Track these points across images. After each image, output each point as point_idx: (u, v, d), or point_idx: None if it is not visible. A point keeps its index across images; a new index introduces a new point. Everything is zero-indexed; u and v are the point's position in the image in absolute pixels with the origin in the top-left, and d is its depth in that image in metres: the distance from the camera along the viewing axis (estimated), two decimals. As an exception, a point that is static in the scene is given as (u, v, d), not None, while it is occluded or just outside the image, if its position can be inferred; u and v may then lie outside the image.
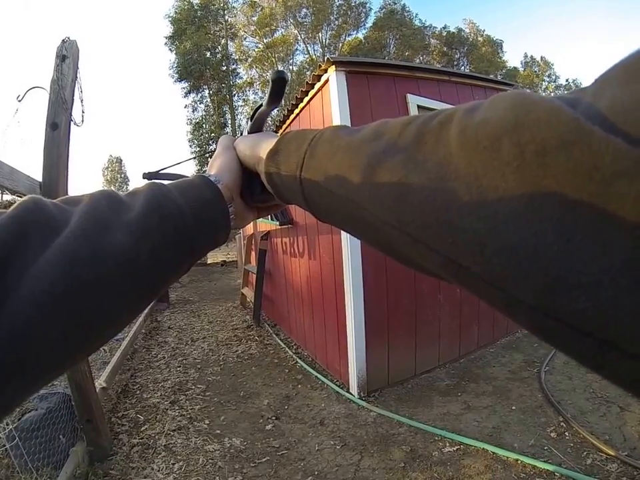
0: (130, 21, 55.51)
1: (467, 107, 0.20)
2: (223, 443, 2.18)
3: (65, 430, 1.94)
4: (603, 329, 0.13)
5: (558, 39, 52.65)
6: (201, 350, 3.91)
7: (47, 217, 0.25)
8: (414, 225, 0.21)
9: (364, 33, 26.08)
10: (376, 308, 2.61)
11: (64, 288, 0.22)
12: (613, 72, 0.16)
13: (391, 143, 0.23)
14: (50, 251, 0.23)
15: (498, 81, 3.61)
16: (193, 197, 0.34)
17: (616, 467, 1.66)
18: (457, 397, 2.45)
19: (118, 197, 0.30)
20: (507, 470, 1.74)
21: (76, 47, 1.87)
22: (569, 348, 0.15)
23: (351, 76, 2.54)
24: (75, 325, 0.23)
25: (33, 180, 1.72)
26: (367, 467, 1.88)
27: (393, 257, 0.26)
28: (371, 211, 0.24)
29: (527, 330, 0.17)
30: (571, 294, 0.14)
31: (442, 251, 0.19)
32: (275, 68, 5.06)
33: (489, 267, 0.17)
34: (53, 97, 1.80)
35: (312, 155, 0.31)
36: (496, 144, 0.17)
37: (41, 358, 0.22)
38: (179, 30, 21.96)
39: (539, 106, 0.16)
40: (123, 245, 0.26)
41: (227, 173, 0.42)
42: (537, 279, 0.15)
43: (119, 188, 37.18)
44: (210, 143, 22.17)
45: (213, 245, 0.37)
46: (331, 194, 0.28)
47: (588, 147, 0.14)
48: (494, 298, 0.18)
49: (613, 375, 0.14)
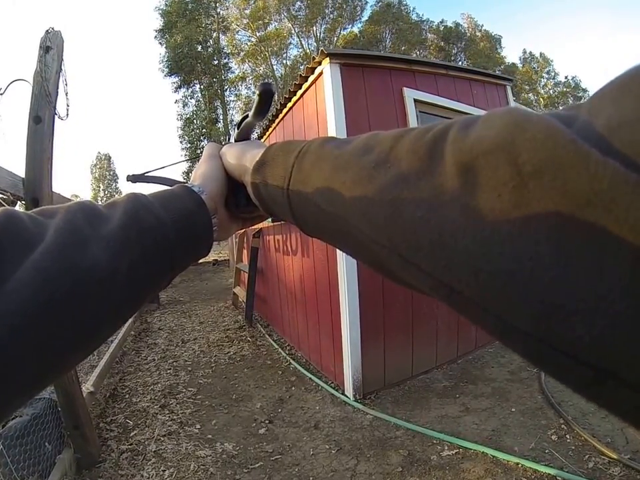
0: (119, 14, 54.64)
1: (461, 123, 0.19)
2: (214, 448, 2.13)
3: (51, 437, 1.89)
4: (600, 357, 0.13)
5: (558, 36, 53.35)
6: (192, 352, 3.84)
7: (20, 232, 0.24)
8: (405, 246, 0.20)
9: (359, 27, 25.88)
10: (371, 307, 2.57)
11: (36, 307, 0.21)
12: (610, 89, 0.15)
13: (381, 157, 0.23)
14: (22, 269, 0.22)
15: (496, 76, 3.56)
16: (175, 209, 0.33)
17: (619, 471, 1.63)
18: (455, 399, 2.41)
19: (96, 209, 0.29)
20: (508, 474, 1.71)
21: (60, 37, 1.83)
22: (565, 376, 0.15)
23: (345, 69, 2.49)
24: (49, 344, 0.23)
25: (15, 176, 1.67)
26: (364, 472, 1.83)
27: (383, 274, 0.25)
28: (361, 229, 0.23)
29: (520, 356, 0.17)
30: (567, 321, 0.14)
31: (434, 273, 0.19)
32: (262, 80, 4.86)
33: (483, 291, 0.16)
34: (36, 89, 1.76)
35: (299, 168, 0.30)
36: (492, 163, 0.16)
37: (16, 377, 0.21)
38: (170, 23, 21.51)
39: (534, 125, 0.16)
40: (100, 260, 0.25)
41: (212, 182, 0.41)
42: (533, 305, 0.15)
43: (107, 185, 36.78)
44: (201, 139, 21.93)
45: (194, 258, 0.36)
46: (320, 209, 0.27)
47: (586, 170, 0.13)
48: (487, 323, 0.17)
49: (610, 404, 0.14)
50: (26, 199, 1.71)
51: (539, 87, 30.53)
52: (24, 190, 1.71)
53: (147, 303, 0.50)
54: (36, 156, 1.75)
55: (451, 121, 0.21)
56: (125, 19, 56.01)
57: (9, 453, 1.64)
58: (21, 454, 1.68)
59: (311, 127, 2.84)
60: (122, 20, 55.84)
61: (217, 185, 0.41)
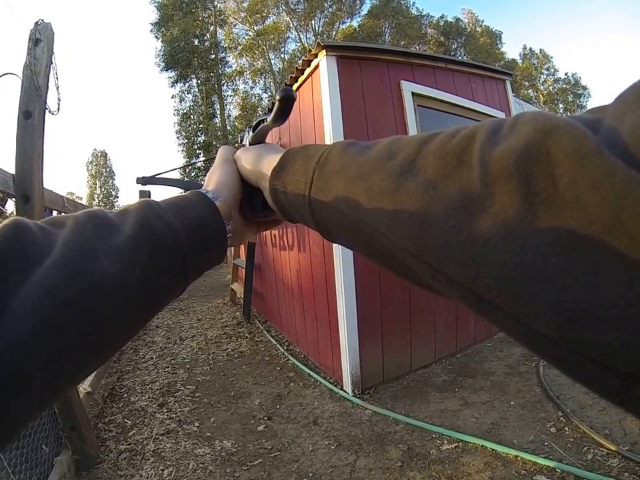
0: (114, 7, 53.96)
1: (487, 130, 0.19)
2: (213, 446, 2.12)
3: (48, 439, 1.86)
4: (628, 363, 0.13)
5: (558, 33, 52.92)
6: (190, 349, 3.83)
7: (27, 245, 0.24)
8: (435, 255, 0.20)
9: (358, 21, 25.56)
10: (369, 301, 2.55)
11: (42, 322, 0.21)
12: (632, 92, 0.16)
13: (407, 163, 0.22)
14: (29, 285, 0.22)
15: (496, 70, 3.52)
16: (188, 216, 0.33)
17: (617, 462, 1.64)
18: (454, 393, 2.41)
19: (106, 218, 0.29)
20: (507, 467, 1.71)
21: (50, 29, 1.79)
22: (593, 382, 0.15)
23: (342, 61, 2.46)
24: (59, 359, 0.22)
25: (5, 172, 1.65)
26: (363, 467, 1.83)
27: (409, 280, 0.25)
28: (388, 237, 0.23)
29: (548, 362, 0.17)
30: (596, 328, 0.14)
31: (464, 282, 0.19)
32: (282, 86, 4.61)
33: (513, 300, 0.17)
34: (25, 83, 1.72)
35: (321, 174, 0.30)
36: (523, 173, 0.16)
37: (29, 392, 0.21)
38: (166, 16, 21.18)
39: (563, 133, 0.16)
40: (109, 272, 0.25)
41: (226, 188, 0.40)
42: (563, 314, 0.15)
43: (104, 183, 36.47)
44: (198, 134, 21.74)
45: (208, 265, 0.36)
46: (344, 216, 0.27)
47: (612, 185, 0.14)
48: (516, 332, 0.17)
49: (638, 409, 0.14)
50: (16, 196, 1.68)
51: (539, 83, 30.38)
52: (14, 187, 1.68)
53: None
54: (26, 152, 1.71)
55: (477, 126, 0.20)
56: (121, 12, 55.40)
57: (5, 456, 1.61)
58: (17, 457, 1.65)
59: (307, 125, 2.80)
60: (117, 13, 55.25)
61: (231, 190, 0.41)
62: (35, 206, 1.70)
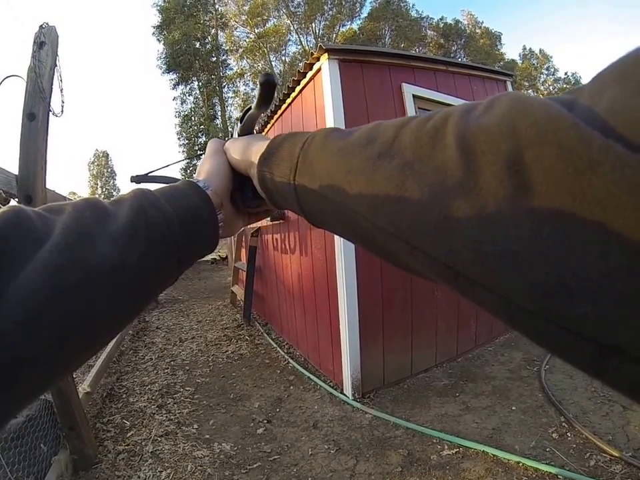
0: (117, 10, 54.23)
1: (461, 110, 0.20)
2: (212, 449, 2.10)
3: (46, 438, 1.86)
4: (604, 333, 0.13)
5: (558, 32, 53.10)
6: (190, 351, 3.82)
7: (28, 229, 0.24)
8: (411, 232, 0.20)
9: (359, 23, 25.71)
10: (370, 305, 2.54)
11: (45, 304, 0.22)
12: (610, 72, 0.15)
13: (385, 147, 0.23)
14: (31, 266, 0.22)
15: (496, 71, 3.53)
16: (181, 204, 0.33)
17: (620, 469, 1.62)
18: (455, 398, 2.40)
19: (102, 206, 0.29)
20: (509, 473, 1.69)
21: (55, 32, 1.80)
22: (569, 354, 0.15)
23: (344, 64, 2.46)
24: (60, 339, 0.23)
25: (8, 173, 1.65)
26: (363, 472, 1.81)
27: (390, 262, 0.26)
28: (367, 217, 0.24)
29: (525, 336, 0.17)
30: (571, 299, 0.14)
31: (440, 257, 0.19)
32: (263, 71, 4.81)
33: (489, 273, 0.17)
34: (29, 85, 1.73)
35: (305, 159, 0.31)
36: (494, 149, 0.16)
37: (29, 372, 0.21)
38: (168, 19, 21.41)
39: (536, 110, 0.16)
40: (108, 257, 0.25)
41: (217, 178, 0.41)
42: (538, 285, 0.15)
43: (105, 183, 36.60)
44: (199, 135, 21.88)
45: (200, 254, 0.36)
46: (326, 200, 0.28)
47: (588, 154, 0.14)
48: (493, 305, 0.18)
49: (614, 380, 0.14)
50: (19, 197, 1.69)
51: (539, 83, 30.40)
52: (17, 187, 1.69)
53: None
54: (30, 153, 1.72)
55: (452, 108, 0.21)
56: (123, 15, 55.69)
57: (3, 454, 1.61)
58: (15, 456, 1.66)
59: (309, 126, 2.81)
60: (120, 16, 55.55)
61: (222, 180, 0.41)
62: (37, 206, 1.70)
